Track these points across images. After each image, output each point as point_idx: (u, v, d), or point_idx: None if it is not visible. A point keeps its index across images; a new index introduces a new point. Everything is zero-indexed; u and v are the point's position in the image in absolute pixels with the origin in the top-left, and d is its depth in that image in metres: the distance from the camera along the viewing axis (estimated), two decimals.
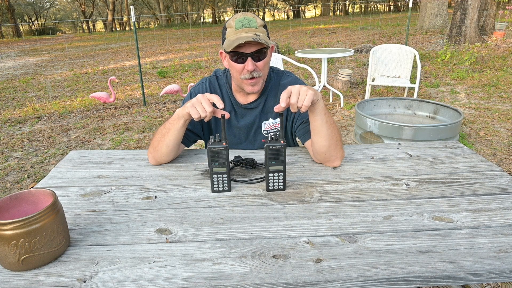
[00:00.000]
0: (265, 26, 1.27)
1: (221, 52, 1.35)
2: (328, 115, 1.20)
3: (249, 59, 1.24)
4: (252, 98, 1.41)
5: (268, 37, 1.28)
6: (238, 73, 1.28)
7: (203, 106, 1.13)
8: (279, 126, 1.43)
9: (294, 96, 1.07)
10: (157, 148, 1.29)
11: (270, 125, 1.44)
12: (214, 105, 1.16)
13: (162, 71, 7.84)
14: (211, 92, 1.43)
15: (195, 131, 1.43)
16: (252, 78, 1.27)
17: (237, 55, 1.24)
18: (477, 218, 0.94)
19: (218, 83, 1.45)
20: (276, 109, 1.08)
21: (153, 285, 0.74)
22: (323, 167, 1.27)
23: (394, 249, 0.83)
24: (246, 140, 1.47)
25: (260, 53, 1.25)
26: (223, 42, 1.29)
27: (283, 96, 1.07)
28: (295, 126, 1.41)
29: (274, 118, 1.43)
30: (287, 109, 1.39)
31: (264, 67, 1.29)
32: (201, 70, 8.15)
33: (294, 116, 1.41)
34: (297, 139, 1.50)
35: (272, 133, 1.43)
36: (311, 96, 1.07)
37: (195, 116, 1.13)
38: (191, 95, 1.44)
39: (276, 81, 1.43)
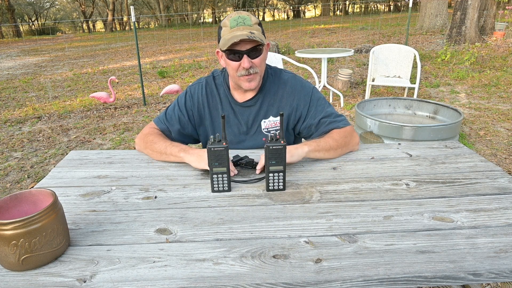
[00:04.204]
0: (259, 24, 1.29)
1: (217, 52, 1.36)
2: (318, 152, 1.29)
3: (245, 56, 1.25)
4: (249, 95, 1.41)
5: (263, 34, 1.30)
6: (234, 71, 1.30)
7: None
8: (279, 124, 1.43)
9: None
10: (149, 153, 1.38)
11: (271, 123, 1.44)
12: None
13: (162, 71, 7.84)
14: (207, 92, 1.45)
15: (187, 140, 1.50)
16: (249, 74, 1.29)
17: (233, 53, 1.25)
18: (477, 218, 0.94)
19: (215, 83, 1.46)
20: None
21: (153, 285, 0.74)
22: (323, 167, 1.27)
23: (394, 249, 0.83)
24: (246, 138, 1.47)
25: (256, 51, 1.26)
26: (219, 41, 1.30)
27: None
28: (304, 130, 1.44)
29: (275, 116, 1.43)
30: (288, 109, 1.41)
31: (260, 64, 1.30)
32: (201, 70, 8.15)
33: (300, 119, 1.43)
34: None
35: (272, 131, 1.43)
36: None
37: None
38: (186, 94, 1.45)
39: (274, 79, 1.43)
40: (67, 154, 1.45)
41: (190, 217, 0.98)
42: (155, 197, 1.09)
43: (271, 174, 1.09)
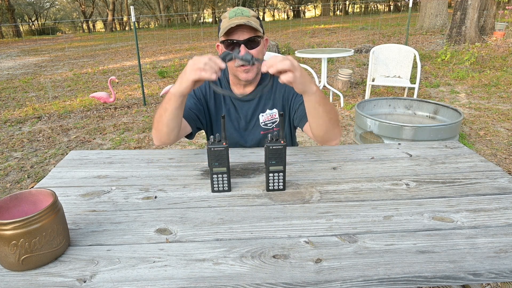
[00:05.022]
0: (258, 18, 1.32)
1: (217, 45, 1.40)
2: (322, 96, 1.15)
3: (242, 46, 1.28)
4: (248, 90, 1.44)
5: (262, 27, 1.32)
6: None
7: (212, 65, 1.03)
8: (276, 117, 1.46)
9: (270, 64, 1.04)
10: (158, 129, 1.28)
11: (268, 116, 1.46)
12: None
13: (162, 71, 7.84)
14: (209, 88, 1.46)
15: (196, 111, 1.41)
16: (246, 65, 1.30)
17: (231, 43, 1.28)
18: (477, 218, 0.94)
19: None
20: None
21: (153, 285, 0.74)
22: (323, 167, 1.27)
23: (394, 249, 0.83)
24: (245, 133, 1.49)
25: (253, 42, 1.29)
26: (219, 34, 1.33)
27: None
28: (292, 114, 1.43)
29: (271, 108, 1.45)
30: (282, 101, 1.42)
31: (257, 56, 1.31)
32: None
33: (290, 106, 1.43)
34: (296, 134, 1.52)
35: (269, 124, 1.45)
36: (283, 65, 1.02)
37: (208, 76, 1.03)
38: None
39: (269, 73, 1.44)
40: (67, 154, 1.45)
41: (190, 217, 0.98)
42: (155, 197, 1.09)
43: (271, 174, 1.09)
